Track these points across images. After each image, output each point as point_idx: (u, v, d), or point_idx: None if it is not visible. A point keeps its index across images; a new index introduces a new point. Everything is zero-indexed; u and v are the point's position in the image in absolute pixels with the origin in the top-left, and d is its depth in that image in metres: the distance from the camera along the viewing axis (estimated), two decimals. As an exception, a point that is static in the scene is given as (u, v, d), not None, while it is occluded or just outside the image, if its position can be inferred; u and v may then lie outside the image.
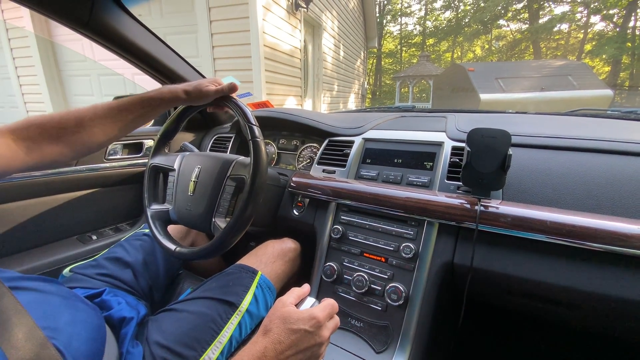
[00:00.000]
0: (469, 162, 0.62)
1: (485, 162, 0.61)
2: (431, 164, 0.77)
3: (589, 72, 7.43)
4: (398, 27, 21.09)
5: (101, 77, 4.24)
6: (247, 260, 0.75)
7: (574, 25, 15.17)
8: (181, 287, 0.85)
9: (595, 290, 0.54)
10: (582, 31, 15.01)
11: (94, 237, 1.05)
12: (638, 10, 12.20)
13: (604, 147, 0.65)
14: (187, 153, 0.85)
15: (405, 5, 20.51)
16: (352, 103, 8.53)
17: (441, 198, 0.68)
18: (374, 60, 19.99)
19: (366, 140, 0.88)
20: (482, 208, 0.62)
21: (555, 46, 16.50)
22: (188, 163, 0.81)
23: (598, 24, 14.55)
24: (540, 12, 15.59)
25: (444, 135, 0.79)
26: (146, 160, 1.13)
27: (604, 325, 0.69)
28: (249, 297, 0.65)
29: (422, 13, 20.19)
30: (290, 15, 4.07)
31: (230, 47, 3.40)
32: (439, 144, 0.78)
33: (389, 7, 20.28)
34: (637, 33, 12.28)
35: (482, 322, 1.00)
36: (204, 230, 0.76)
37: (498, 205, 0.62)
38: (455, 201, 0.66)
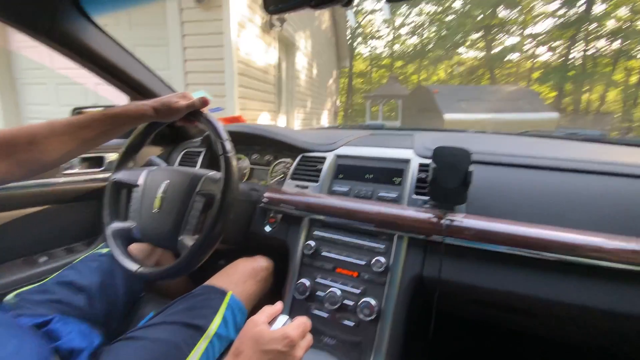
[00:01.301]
0: (434, 178, 0.66)
1: (449, 178, 0.65)
2: (400, 179, 0.80)
3: (537, 97, 8.41)
4: (368, 49, 22.21)
5: (59, 86, 4.00)
6: (216, 280, 0.72)
7: (523, 55, 16.92)
8: (142, 311, 0.79)
9: (549, 298, 0.58)
10: (531, 60, 16.76)
11: (43, 259, 0.96)
12: (579, 43, 13.91)
13: (550, 165, 0.71)
14: (154, 168, 0.82)
15: (375, 29, 21.73)
16: (325, 119, 8.72)
17: (410, 212, 0.70)
18: (346, 80, 20.74)
19: (338, 156, 0.90)
20: (448, 221, 0.65)
21: (508, 73, 18.19)
22: (154, 178, 0.78)
23: (544, 54, 16.40)
24: (494, 43, 17.28)
25: (411, 152, 0.83)
26: (107, 175, 1.07)
27: (562, 332, 0.74)
28: (217, 320, 0.62)
29: (390, 37, 21.48)
30: (265, 34, 4.15)
31: (203, 62, 3.40)
32: (407, 161, 0.81)
33: (360, 30, 21.37)
34: (579, 63, 13.96)
35: (453, 334, 1.02)
36: (169, 248, 0.73)
37: (462, 219, 0.65)
38: (423, 215, 0.68)
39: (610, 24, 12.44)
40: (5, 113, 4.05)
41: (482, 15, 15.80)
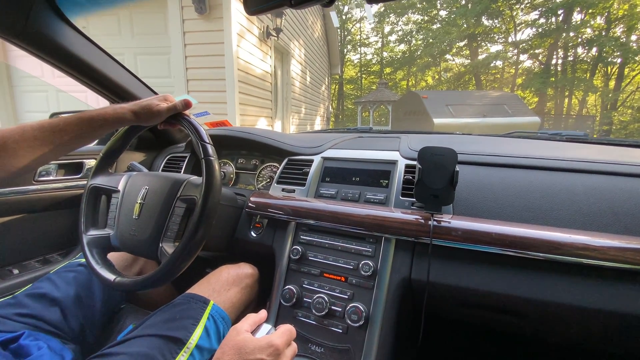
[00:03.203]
0: (420, 179, 0.65)
1: (435, 178, 0.64)
2: (387, 181, 0.79)
3: (520, 102, 8.74)
4: (358, 56, 22.50)
5: (60, 93, 3.98)
6: (198, 288, 0.69)
7: (507, 62, 17.43)
8: (122, 323, 0.75)
9: (536, 297, 0.57)
10: (514, 67, 17.27)
11: (16, 271, 0.91)
12: (559, 50, 14.43)
13: (536, 164, 0.72)
14: (135, 173, 0.79)
15: (364, 37, 22.08)
16: (318, 125, 8.94)
17: (397, 214, 0.69)
18: (337, 86, 20.94)
19: (325, 159, 0.89)
20: (435, 223, 0.64)
21: (493, 79, 18.72)
22: (134, 183, 0.75)
23: (526, 61, 16.94)
24: (479, 50, 17.80)
25: (397, 154, 0.82)
26: (86, 182, 1.03)
27: (553, 332, 0.73)
28: (198, 331, 0.59)
29: (380, 45, 21.84)
30: (262, 43, 4.32)
31: (204, 70, 3.54)
32: (393, 162, 0.81)
33: (349, 37, 21.68)
34: (559, 69, 14.47)
35: (443, 338, 1.01)
36: (149, 256, 0.70)
37: (450, 220, 0.65)
38: (410, 217, 0.67)
39: (588, 32, 12.96)
40: (1, 121, 4.04)
41: (466, 25, 16.27)
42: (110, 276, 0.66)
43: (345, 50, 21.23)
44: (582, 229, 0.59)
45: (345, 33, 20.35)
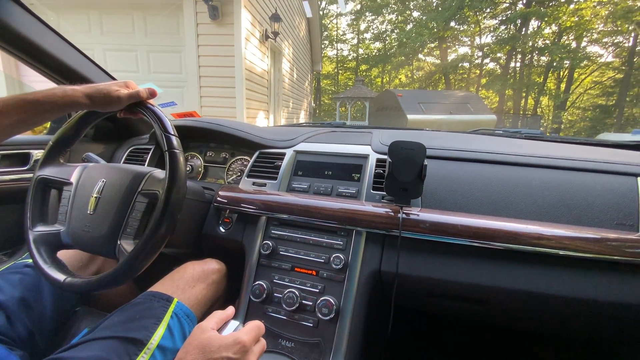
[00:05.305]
0: (390, 172, 0.66)
1: (404, 172, 0.65)
2: (358, 175, 0.79)
3: (481, 101, 9.73)
4: (335, 51, 22.49)
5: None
6: (160, 286, 0.65)
7: (473, 64, 18.37)
8: (76, 327, 0.70)
9: (497, 284, 0.61)
10: (479, 69, 18.24)
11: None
12: (517, 55, 15.46)
13: (497, 159, 0.75)
14: (90, 164, 0.73)
15: (341, 33, 22.11)
16: (302, 119, 9.33)
17: (368, 207, 0.70)
18: (315, 81, 20.85)
19: (297, 152, 0.88)
20: (404, 215, 0.65)
21: (461, 79, 19.64)
22: (90, 176, 0.69)
23: (489, 63, 17.94)
24: (448, 51, 18.57)
25: (369, 148, 0.83)
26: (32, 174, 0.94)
27: (510, 318, 0.77)
28: (160, 330, 0.56)
29: (355, 41, 21.97)
30: (261, 44, 4.86)
31: (215, 68, 4.00)
32: (365, 157, 0.81)
33: (326, 33, 21.61)
34: (517, 72, 15.55)
35: (412, 328, 1.04)
36: (106, 254, 0.65)
37: (418, 212, 0.66)
38: (381, 210, 0.68)
39: (541, 41, 14.05)
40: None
41: (436, 28, 16.88)
42: (60, 276, 0.60)
43: (322, 45, 21.16)
44: (538, 219, 0.63)
45: (322, 29, 20.28)
